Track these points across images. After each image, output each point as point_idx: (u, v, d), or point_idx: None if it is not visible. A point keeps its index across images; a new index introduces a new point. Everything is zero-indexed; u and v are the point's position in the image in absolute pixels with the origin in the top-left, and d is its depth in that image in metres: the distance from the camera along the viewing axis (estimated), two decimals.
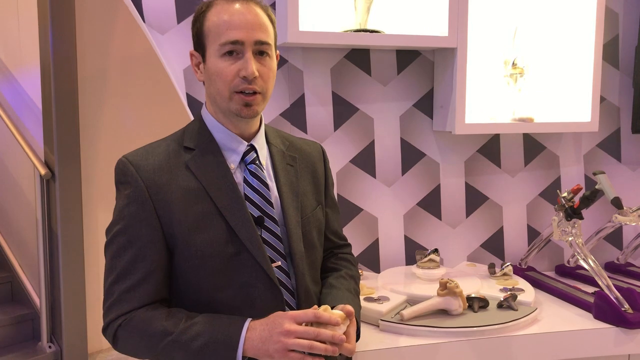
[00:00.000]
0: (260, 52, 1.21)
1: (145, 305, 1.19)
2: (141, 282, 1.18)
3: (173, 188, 1.20)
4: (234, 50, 1.19)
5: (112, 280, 1.21)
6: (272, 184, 1.30)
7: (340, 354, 1.18)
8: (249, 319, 1.16)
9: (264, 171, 1.29)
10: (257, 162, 1.28)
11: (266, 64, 1.22)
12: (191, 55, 1.27)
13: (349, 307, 1.22)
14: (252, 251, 1.21)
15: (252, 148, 1.28)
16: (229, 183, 1.23)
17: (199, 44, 1.24)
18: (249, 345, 1.12)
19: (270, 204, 1.26)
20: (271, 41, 1.23)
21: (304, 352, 1.11)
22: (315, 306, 1.20)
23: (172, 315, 1.17)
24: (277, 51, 1.30)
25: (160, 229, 1.19)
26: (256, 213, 1.24)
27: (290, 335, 1.10)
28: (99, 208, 3.60)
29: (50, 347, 3.30)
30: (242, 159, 1.27)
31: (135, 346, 1.19)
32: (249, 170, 1.26)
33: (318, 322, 1.14)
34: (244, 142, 1.27)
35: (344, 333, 1.18)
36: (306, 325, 1.14)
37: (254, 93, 1.21)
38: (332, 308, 1.21)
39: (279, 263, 1.25)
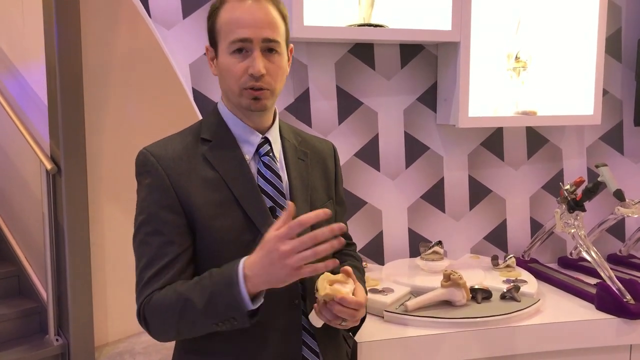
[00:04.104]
0: (269, 49, 1.23)
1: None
2: (168, 265, 1.20)
3: (192, 177, 1.22)
4: (243, 48, 1.21)
5: (141, 268, 1.22)
6: (284, 176, 1.32)
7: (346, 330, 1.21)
8: (245, 257, 1.14)
9: (277, 163, 1.31)
10: (271, 154, 1.30)
11: (275, 61, 1.24)
12: (206, 49, 1.30)
13: (346, 267, 1.24)
14: None
15: (266, 141, 1.30)
16: (245, 173, 1.25)
17: (213, 39, 1.27)
18: (258, 279, 1.11)
19: (283, 195, 1.29)
20: (280, 38, 1.25)
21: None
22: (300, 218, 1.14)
23: (185, 282, 1.19)
24: (292, 45, 1.32)
25: (183, 214, 1.21)
26: (268, 203, 1.26)
27: (290, 254, 1.07)
28: (105, 202, 3.62)
29: (57, 340, 3.33)
30: (257, 151, 1.29)
31: (161, 321, 1.19)
32: (263, 162, 1.28)
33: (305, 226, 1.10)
34: (259, 134, 1.29)
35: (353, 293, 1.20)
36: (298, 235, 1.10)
37: (262, 89, 1.23)
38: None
39: None
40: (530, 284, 1.91)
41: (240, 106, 1.26)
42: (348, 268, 1.25)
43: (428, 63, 2.16)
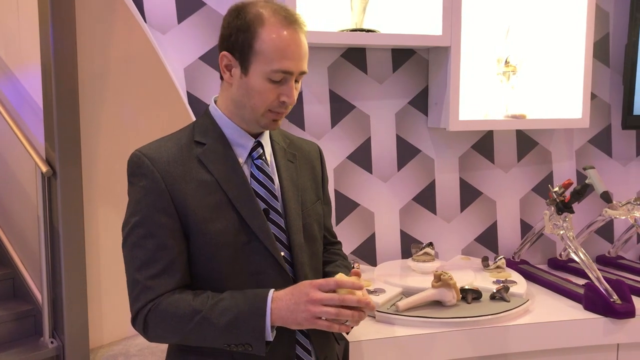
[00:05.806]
0: (296, 79, 1.27)
1: (172, 291, 1.22)
2: (165, 270, 1.21)
3: (187, 180, 1.24)
4: (283, 78, 1.24)
5: (135, 270, 1.22)
6: (275, 179, 1.35)
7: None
8: (273, 290, 1.20)
9: (269, 166, 1.34)
10: (263, 157, 1.33)
11: (298, 87, 1.29)
12: (223, 56, 1.27)
13: (356, 270, 1.29)
14: (263, 240, 1.26)
15: (259, 144, 1.33)
16: (240, 176, 1.28)
17: (242, 54, 1.24)
18: (277, 315, 1.17)
19: (275, 197, 1.31)
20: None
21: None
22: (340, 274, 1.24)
23: (199, 295, 1.21)
24: None
25: (178, 218, 1.23)
26: (262, 206, 1.29)
27: (316, 303, 1.14)
28: (100, 205, 3.64)
29: (52, 342, 3.33)
30: (250, 154, 1.31)
31: (166, 330, 1.21)
32: (256, 165, 1.31)
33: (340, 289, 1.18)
34: (252, 138, 1.32)
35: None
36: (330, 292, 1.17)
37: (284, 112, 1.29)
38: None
39: (283, 253, 1.30)
40: (520, 285, 1.94)
41: (256, 123, 1.29)
42: (358, 271, 1.29)
43: (419, 67, 2.19)
